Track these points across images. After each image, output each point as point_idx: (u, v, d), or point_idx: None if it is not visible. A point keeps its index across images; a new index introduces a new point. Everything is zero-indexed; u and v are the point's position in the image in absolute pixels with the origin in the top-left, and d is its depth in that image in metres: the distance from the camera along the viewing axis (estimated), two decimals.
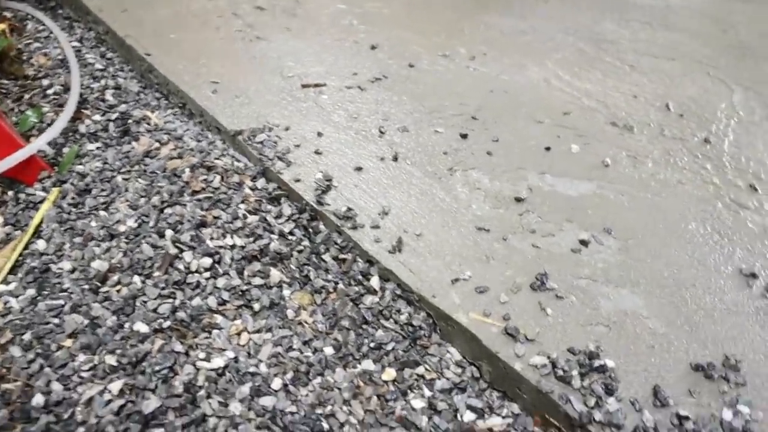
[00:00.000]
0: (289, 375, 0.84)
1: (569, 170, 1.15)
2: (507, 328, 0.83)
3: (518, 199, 1.06)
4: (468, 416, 0.80)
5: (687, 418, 0.75)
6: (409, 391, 0.82)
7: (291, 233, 1.03)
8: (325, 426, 0.78)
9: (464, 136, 1.21)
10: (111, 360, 0.85)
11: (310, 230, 1.03)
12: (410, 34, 1.60)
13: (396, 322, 0.89)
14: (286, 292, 0.95)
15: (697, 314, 0.89)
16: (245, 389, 0.81)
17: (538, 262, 0.93)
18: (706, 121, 1.32)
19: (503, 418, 0.80)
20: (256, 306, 0.92)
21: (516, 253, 0.95)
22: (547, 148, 1.20)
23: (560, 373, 0.78)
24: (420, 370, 0.85)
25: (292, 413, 0.80)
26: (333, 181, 1.07)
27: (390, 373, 0.84)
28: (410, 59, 1.47)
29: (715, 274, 0.96)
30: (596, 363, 0.79)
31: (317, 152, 1.15)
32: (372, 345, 0.87)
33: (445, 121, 1.26)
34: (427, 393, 0.82)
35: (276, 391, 0.82)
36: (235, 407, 0.80)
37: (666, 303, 0.90)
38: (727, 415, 0.77)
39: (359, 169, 1.11)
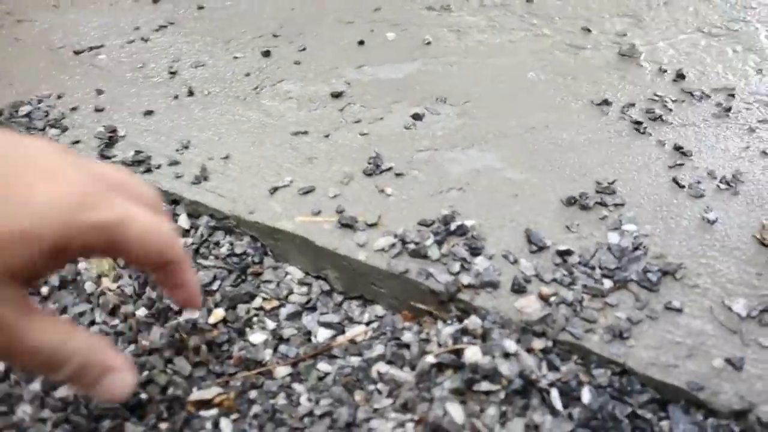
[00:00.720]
0: None
1: (388, 57, 1.00)
2: (341, 220, 0.67)
3: (336, 95, 0.90)
4: (323, 334, 0.63)
5: (569, 252, 0.62)
6: (247, 329, 0.65)
7: None
8: (143, 395, 0.59)
9: (267, 54, 1.04)
10: None
11: None
12: None
13: (217, 257, 0.71)
14: (81, 266, 0.75)
15: (557, 152, 0.77)
16: (35, 387, 0.61)
17: (368, 149, 0.78)
18: None
19: (366, 324, 0.63)
20: (44, 290, 0.72)
21: (342, 147, 0.79)
22: (361, 42, 1.06)
23: (412, 247, 0.62)
24: (257, 302, 0.67)
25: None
26: (118, 132, 0.88)
27: (218, 315, 0.66)
28: (199, 2, 1.29)
29: (566, 112, 0.84)
30: (453, 226, 0.64)
31: (98, 110, 0.95)
32: None
33: (244, 46, 1.09)
34: (271, 325, 0.65)
35: None
36: (23, 411, 0.59)
37: (520, 151, 0.77)
38: (614, 238, 0.64)
39: (149, 113, 0.92)
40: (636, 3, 1.15)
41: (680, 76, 0.92)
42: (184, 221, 0.76)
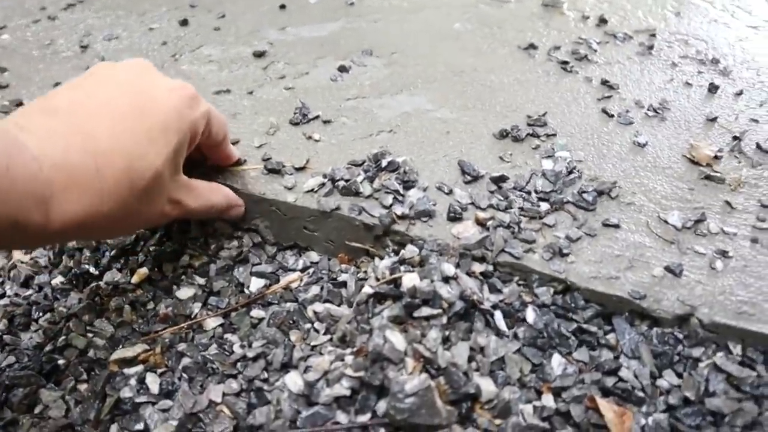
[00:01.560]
0: (1, 325, 0.59)
1: (312, 17, 0.98)
2: (267, 166, 0.63)
3: (259, 54, 0.87)
4: (256, 284, 0.60)
5: (504, 178, 0.60)
6: (174, 286, 0.60)
7: None
8: (61, 360, 0.54)
9: (184, 23, 1.00)
10: None
11: None
12: None
13: None
14: None
15: (486, 92, 0.75)
16: None
17: (294, 101, 0.75)
18: None
19: (301, 271, 0.60)
20: None
21: (266, 101, 0.76)
22: (282, 7, 1.03)
23: (342, 184, 0.60)
24: (185, 260, 0.63)
25: (10, 365, 0.55)
26: (24, 105, 0.82)
27: (141, 274, 0.62)
28: None
29: (493, 56, 0.83)
30: (384, 162, 0.62)
31: (2, 87, 0.88)
32: (113, 254, 0.64)
33: (160, 18, 1.04)
34: (200, 280, 0.61)
35: None
36: None
37: (450, 93, 0.76)
38: (548, 164, 0.63)
39: (59, 85, 0.86)
40: None
41: (603, 21, 0.93)
42: None
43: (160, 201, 0.49)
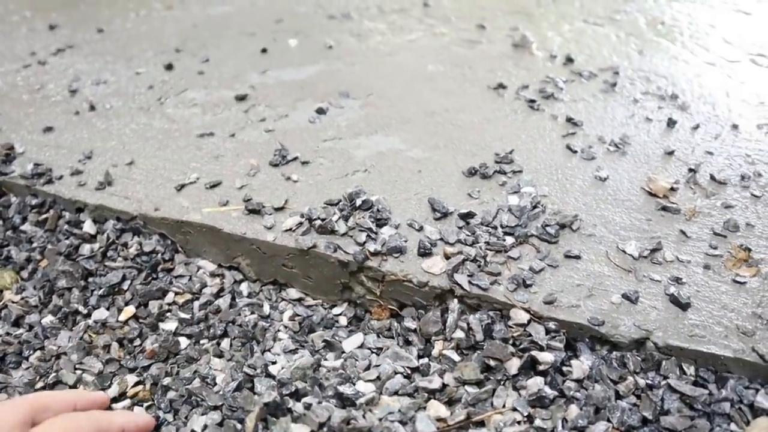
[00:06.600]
0: None
1: (291, 61, 1.02)
2: (248, 207, 0.67)
3: (241, 98, 0.91)
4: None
5: (471, 214, 0.64)
6: (159, 322, 0.63)
7: None
8: None
9: (169, 67, 1.04)
10: None
11: None
12: (91, 7, 1.40)
13: (126, 258, 0.70)
14: None
15: (457, 132, 0.79)
16: None
17: (274, 143, 0.79)
18: None
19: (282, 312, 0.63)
20: None
21: (247, 144, 0.80)
22: (264, 50, 1.07)
23: (319, 223, 0.63)
24: (169, 297, 0.66)
25: None
26: (15, 149, 0.86)
27: (128, 312, 0.65)
28: (99, 26, 1.28)
29: (463, 97, 0.88)
30: (359, 201, 0.66)
31: None
32: (102, 292, 0.67)
33: (147, 62, 1.08)
34: (184, 315, 0.64)
35: None
36: None
37: (422, 133, 0.80)
38: (513, 200, 0.67)
39: (49, 129, 0.90)
40: (526, 0, 1.20)
41: (569, 60, 0.97)
42: (89, 227, 0.74)
43: None
